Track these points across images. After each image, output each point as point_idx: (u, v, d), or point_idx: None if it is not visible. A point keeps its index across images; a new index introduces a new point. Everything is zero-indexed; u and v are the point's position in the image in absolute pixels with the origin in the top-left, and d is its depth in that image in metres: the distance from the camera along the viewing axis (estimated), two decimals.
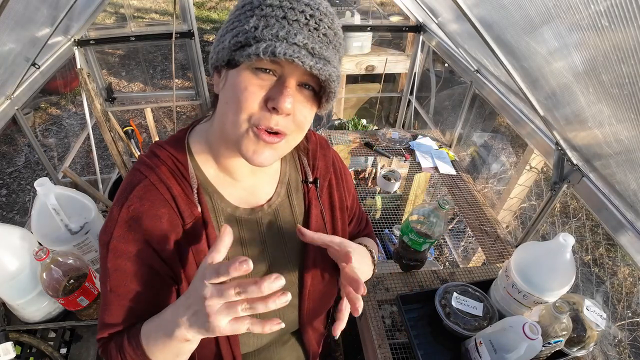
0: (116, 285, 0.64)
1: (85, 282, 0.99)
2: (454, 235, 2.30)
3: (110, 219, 0.64)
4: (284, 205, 0.76)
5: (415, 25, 2.47)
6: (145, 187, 0.63)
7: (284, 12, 0.53)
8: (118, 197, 0.65)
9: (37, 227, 1.02)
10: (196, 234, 0.65)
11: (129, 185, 0.64)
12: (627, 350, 2.15)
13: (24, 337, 1.04)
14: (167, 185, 0.64)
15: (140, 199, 0.63)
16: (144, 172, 0.65)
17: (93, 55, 2.36)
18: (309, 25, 0.54)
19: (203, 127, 0.71)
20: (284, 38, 0.52)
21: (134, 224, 0.62)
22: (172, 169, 0.66)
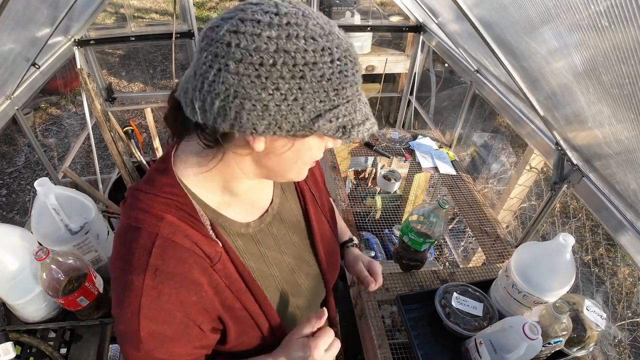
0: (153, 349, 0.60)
1: (85, 282, 0.99)
2: (454, 235, 2.30)
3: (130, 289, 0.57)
4: (283, 202, 0.79)
5: (415, 25, 2.47)
6: (162, 246, 0.58)
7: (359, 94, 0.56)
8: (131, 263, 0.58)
9: (37, 227, 1.02)
10: (225, 268, 0.64)
11: (140, 250, 0.58)
12: (627, 350, 2.15)
13: (24, 337, 1.04)
14: (184, 234, 0.60)
15: (163, 260, 0.58)
16: (151, 229, 0.58)
17: (93, 55, 2.36)
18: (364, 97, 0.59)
19: (193, 161, 0.64)
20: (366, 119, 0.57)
21: (164, 287, 0.58)
22: (180, 215, 0.61)
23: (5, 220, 3.01)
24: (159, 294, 0.58)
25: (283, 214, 0.78)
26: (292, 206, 0.81)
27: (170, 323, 0.60)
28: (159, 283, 0.58)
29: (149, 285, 0.57)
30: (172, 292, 0.58)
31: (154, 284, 0.57)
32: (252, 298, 0.67)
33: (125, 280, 0.58)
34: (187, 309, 0.60)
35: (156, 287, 0.57)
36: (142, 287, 0.57)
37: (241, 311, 0.66)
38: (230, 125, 0.52)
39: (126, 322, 0.59)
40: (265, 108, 0.50)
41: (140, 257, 0.57)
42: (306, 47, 0.48)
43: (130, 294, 0.57)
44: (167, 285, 0.58)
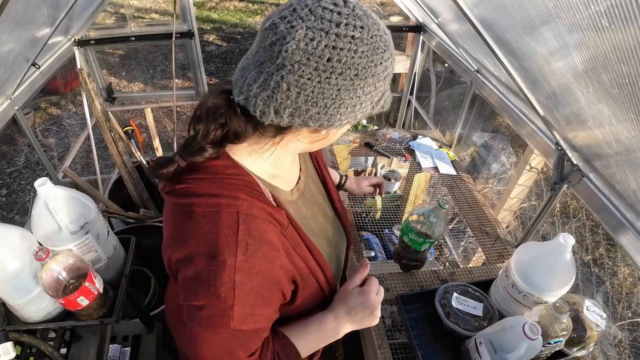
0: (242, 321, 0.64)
1: (85, 282, 0.99)
2: (454, 235, 2.30)
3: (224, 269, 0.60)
4: (306, 167, 0.89)
5: (415, 25, 2.47)
6: (246, 221, 0.63)
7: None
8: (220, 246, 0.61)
9: (37, 227, 1.02)
10: (292, 233, 0.71)
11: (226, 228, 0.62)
12: (627, 350, 2.15)
13: (24, 337, 1.04)
14: (258, 206, 0.65)
15: (250, 234, 0.62)
16: (231, 208, 0.63)
17: (93, 55, 2.36)
18: None
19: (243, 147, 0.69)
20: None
21: (254, 259, 0.63)
22: (248, 191, 0.66)
23: (5, 220, 3.01)
24: (251, 266, 0.62)
25: (308, 177, 0.88)
26: (311, 170, 0.91)
27: (260, 294, 0.65)
28: (250, 256, 0.62)
29: (241, 260, 0.61)
30: (262, 262, 0.63)
31: (245, 258, 0.61)
32: (311, 257, 0.75)
33: (217, 263, 0.60)
34: (273, 275, 0.66)
35: (247, 260, 0.62)
36: (234, 265, 0.60)
37: (305, 270, 0.74)
38: (320, 125, 0.61)
39: (220, 302, 0.61)
40: (352, 109, 0.60)
41: (228, 236, 0.61)
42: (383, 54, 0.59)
43: (224, 274, 0.60)
44: (256, 257, 0.63)
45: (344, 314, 0.80)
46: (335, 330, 0.80)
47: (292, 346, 0.75)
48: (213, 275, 0.61)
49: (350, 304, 0.81)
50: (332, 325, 0.80)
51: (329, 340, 0.81)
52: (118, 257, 1.21)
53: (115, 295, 1.13)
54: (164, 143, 3.49)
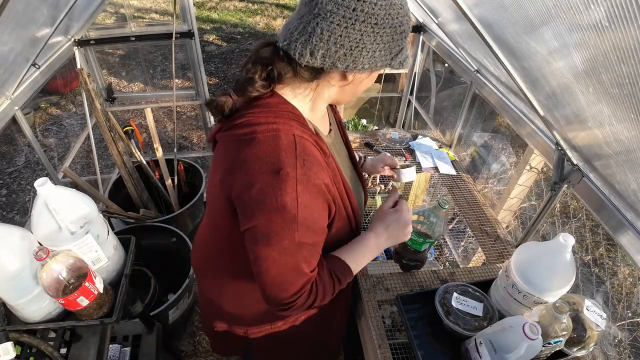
0: (305, 234, 0.75)
1: (85, 282, 0.99)
2: (454, 235, 2.30)
3: (287, 180, 0.71)
4: (334, 126, 1.01)
5: (415, 25, 2.47)
6: (300, 141, 0.75)
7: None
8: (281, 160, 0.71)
9: (37, 227, 1.02)
10: (331, 163, 0.84)
11: (286, 146, 0.73)
12: (627, 350, 2.14)
13: (24, 337, 1.04)
14: (307, 133, 0.79)
15: (305, 151, 0.75)
16: (288, 132, 0.75)
17: (93, 55, 2.36)
18: None
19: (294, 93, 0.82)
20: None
21: (311, 173, 0.74)
22: (299, 121, 0.79)
23: (5, 220, 3.01)
24: (308, 179, 0.73)
25: (336, 135, 1.01)
26: (338, 131, 1.04)
27: (317, 206, 0.77)
28: (308, 170, 0.73)
29: (301, 172, 0.72)
30: (317, 175, 0.75)
31: (304, 171, 0.73)
32: (344, 189, 0.87)
33: (281, 174, 0.71)
34: (324, 191, 0.77)
35: (306, 173, 0.73)
36: (296, 176, 0.71)
37: (339, 199, 0.84)
38: (346, 67, 0.73)
39: (285, 214, 0.71)
40: (373, 54, 0.73)
41: (289, 153, 0.73)
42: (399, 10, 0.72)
43: (288, 184, 0.71)
44: (312, 171, 0.74)
45: (382, 231, 0.94)
46: (377, 245, 0.94)
47: (344, 262, 0.88)
48: (278, 187, 0.71)
49: (386, 221, 0.95)
50: (373, 241, 0.93)
51: (372, 255, 0.94)
52: (118, 257, 1.21)
53: (115, 295, 1.13)
54: (164, 143, 3.49)
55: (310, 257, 0.80)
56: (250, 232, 0.76)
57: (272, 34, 6.01)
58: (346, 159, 1.03)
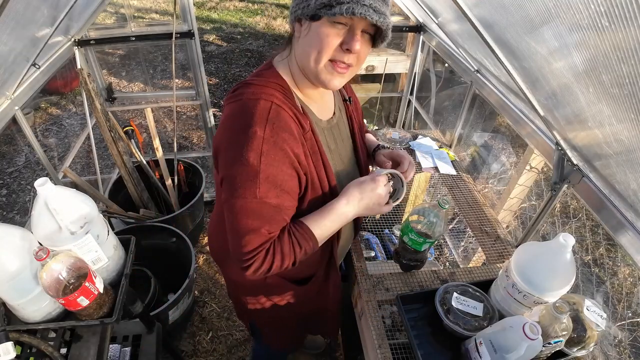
0: (266, 192, 0.80)
1: (85, 282, 0.99)
2: (454, 235, 2.30)
3: (254, 138, 0.78)
4: (339, 119, 1.06)
5: (416, 25, 2.47)
6: (276, 109, 0.82)
7: None
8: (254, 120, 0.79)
9: (37, 227, 1.02)
10: (311, 140, 0.90)
11: (261, 110, 0.80)
12: (627, 350, 2.14)
13: (24, 337, 1.04)
14: (288, 105, 0.84)
15: (277, 118, 0.81)
16: (267, 99, 0.82)
17: (93, 55, 2.36)
18: None
19: (284, 62, 0.92)
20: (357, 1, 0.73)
21: (279, 138, 0.79)
22: (283, 94, 0.86)
23: (6, 220, 3.01)
24: (275, 142, 0.79)
25: (340, 125, 1.06)
26: (345, 123, 1.09)
27: (281, 169, 0.81)
28: (275, 134, 0.79)
29: (269, 134, 0.79)
30: (285, 141, 0.80)
31: (272, 134, 0.79)
32: (324, 171, 0.92)
33: (249, 132, 0.78)
34: (292, 157, 0.82)
35: (273, 136, 0.79)
36: (263, 136, 0.78)
37: (315, 176, 0.90)
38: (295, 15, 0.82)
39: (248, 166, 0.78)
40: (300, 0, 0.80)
41: (262, 114, 0.80)
42: None
43: (254, 142, 0.78)
44: (280, 137, 0.80)
45: (355, 199, 0.93)
46: (346, 213, 0.93)
47: (308, 229, 0.90)
48: (244, 143, 0.77)
49: (362, 188, 0.94)
50: (344, 208, 0.93)
51: (340, 222, 0.95)
52: (118, 257, 1.21)
53: (115, 295, 1.13)
54: (164, 143, 3.49)
55: (271, 218, 0.84)
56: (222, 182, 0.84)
57: (272, 34, 6.01)
58: (345, 147, 1.07)
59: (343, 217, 0.94)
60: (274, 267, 0.87)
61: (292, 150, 0.82)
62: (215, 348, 2.14)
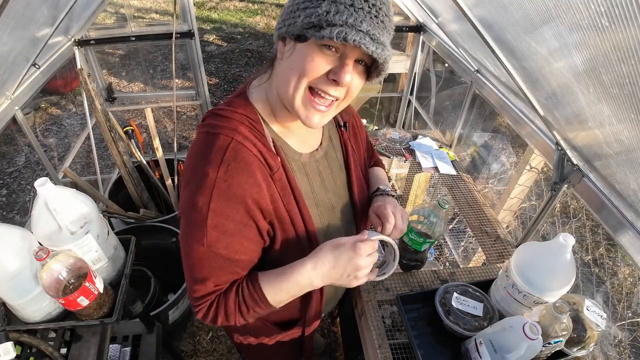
0: (215, 242, 0.71)
1: (85, 282, 0.99)
2: (454, 235, 2.30)
3: (205, 181, 0.69)
4: (329, 148, 0.92)
5: (416, 26, 2.47)
6: (236, 147, 0.71)
7: (351, 0, 0.62)
8: (208, 159, 0.70)
9: (37, 227, 1.02)
10: (281, 180, 0.77)
11: (217, 148, 0.71)
12: (627, 350, 2.14)
13: (24, 337, 1.04)
14: (252, 142, 0.73)
15: (235, 159, 0.70)
16: (228, 135, 0.72)
17: (93, 55, 2.36)
18: (371, 13, 0.62)
19: (261, 88, 0.80)
20: (352, 25, 0.61)
21: (233, 181, 0.70)
22: (250, 128, 0.74)
23: (6, 220, 3.01)
24: (229, 185, 0.69)
25: (329, 158, 0.92)
26: (337, 156, 0.94)
27: (234, 217, 0.71)
28: (230, 176, 0.70)
29: (221, 178, 0.69)
30: (239, 185, 0.70)
31: (225, 177, 0.69)
32: (299, 214, 0.80)
33: (202, 172, 0.70)
34: (249, 204, 0.72)
35: (227, 180, 0.69)
36: (215, 179, 0.69)
37: (289, 225, 0.78)
38: (279, 32, 0.70)
39: (196, 212, 0.70)
40: (287, 16, 0.67)
41: (217, 153, 0.70)
42: None
43: (205, 185, 0.69)
44: (235, 179, 0.70)
45: (325, 264, 0.76)
46: (311, 280, 0.77)
47: (260, 291, 0.77)
48: (195, 186, 0.70)
49: (336, 253, 0.76)
50: (309, 273, 0.77)
51: (302, 290, 0.79)
52: (118, 257, 1.21)
53: (115, 295, 1.13)
54: (164, 143, 3.49)
55: (220, 269, 0.75)
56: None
57: (272, 34, 6.01)
58: (337, 180, 0.92)
59: (306, 283, 0.78)
60: (219, 322, 0.79)
61: (250, 196, 0.71)
62: (215, 348, 2.14)
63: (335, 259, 0.76)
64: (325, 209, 0.88)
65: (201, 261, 0.73)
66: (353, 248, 0.75)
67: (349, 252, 0.75)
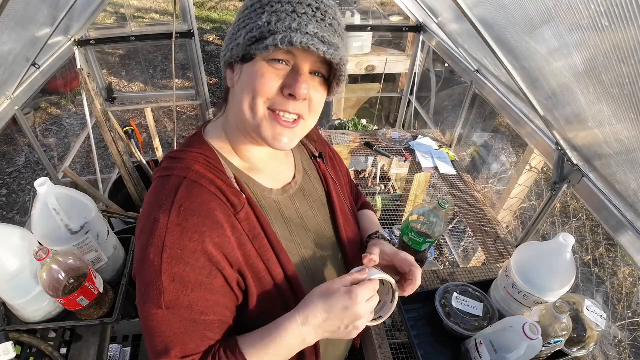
0: (175, 300, 0.59)
1: (85, 282, 0.99)
2: (454, 235, 2.30)
3: (155, 228, 0.59)
4: (306, 181, 0.83)
5: (416, 25, 2.47)
6: (189, 186, 0.62)
7: (292, 7, 0.58)
8: (158, 204, 0.60)
9: (37, 227, 1.02)
10: (249, 220, 0.66)
11: (168, 190, 0.62)
12: (627, 350, 2.14)
13: (24, 337, 1.04)
14: (209, 179, 0.64)
15: (189, 198, 0.61)
16: (179, 174, 0.64)
17: (93, 55, 2.36)
18: (317, 17, 0.59)
19: (217, 124, 0.74)
20: (297, 29, 0.57)
21: (188, 224, 0.59)
22: (206, 165, 0.66)
23: (6, 220, 3.01)
24: (183, 230, 0.59)
25: (306, 193, 0.81)
26: (316, 187, 0.85)
27: (194, 265, 0.60)
28: (183, 220, 0.59)
29: (174, 222, 0.59)
30: (196, 229, 0.60)
31: (178, 220, 0.59)
32: (276, 259, 0.68)
33: (152, 219, 0.60)
34: (210, 250, 0.60)
35: (180, 224, 0.59)
36: (167, 225, 0.59)
37: (264, 272, 0.66)
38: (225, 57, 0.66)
39: (148, 266, 0.59)
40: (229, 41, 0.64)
41: (168, 196, 0.61)
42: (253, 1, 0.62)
43: (156, 233, 0.59)
44: (191, 222, 0.60)
45: (317, 316, 0.63)
46: (303, 337, 0.64)
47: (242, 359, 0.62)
48: (146, 235, 0.60)
49: (329, 303, 0.63)
50: (299, 330, 0.63)
51: (292, 351, 0.65)
52: (118, 257, 1.21)
53: (115, 295, 1.13)
54: (164, 143, 3.49)
55: (185, 335, 0.60)
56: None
57: None
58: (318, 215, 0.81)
59: (297, 342, 0.64)
60: None
61: (210, 240, 0.60)
62: None
63: (329, 310, 0.62)
64: (307, 250, 0.76)
65: (161, 327, 0.60)
66: (349, 295, 0.62)
67: (344, 299, 0.62)
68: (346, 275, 0.67)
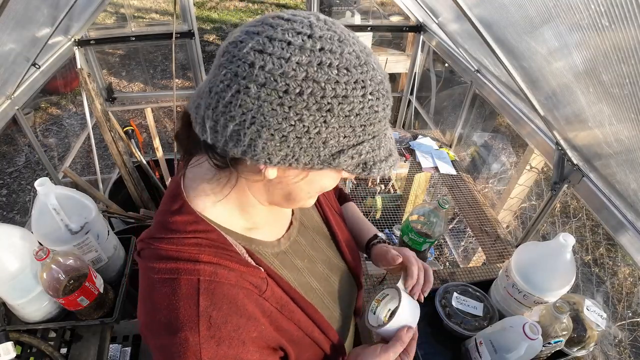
0: None
1: (85, 282, 0.99)
2: (454, 235, 2.30)
3: (187, 349, 0.51)
4: (303, 211, 0.78)
5: (416, 25, 2.47)
6: (208, 289, 0.53)
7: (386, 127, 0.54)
8: (180, 321, 0.51)
9: (37, 227, 1.02)
10: (274, 294, 0.61)
11: (185, 301, 0.52)
12: (627, 350, 2.14)
13: (24, 337, 1.04)
14: (226, 270, 0.55)
15: (215, 305, 0.53)
16: (189, 277, 0.53)
17: (93, 55, 2.36)
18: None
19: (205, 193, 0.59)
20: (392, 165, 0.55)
21: (222, 334, 0.53)
22: (214, 250, 0.56)
23: (6, 220, 3.01)
24: (219, 342, 0.52)
25: (305, 221, 0.77)
26: (311, 212, 0.80)
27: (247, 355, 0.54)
28: (217, 331, 0.52)
29: (206, 336, 0.51)
30: (232, 335, 0.53)
31: (210, 333, 0.52)
32: (305, 316, 0.64)
33: (179, 340, 0.51)
34: (250, 348, 0.55)
35: (214, 336, 0.52)
36: (199, 342, 0.51)
37: (297, 331, 0.63)
38: (243, 152, 0.47)
39: None
40: (284, 139, 0.46)
41: (188, 309, 0.52)
42: (338, 79, 0.44)
43: (188, 353, 0.51)
44: (225, 331, 0.53)
45: None
46: None
47: None
48: (177, 354, 0.51)
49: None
50: None
51: None
52: (118, 257, 1.21)
53: (115, 295, 1.13)
54: (164, 143, 3.49)
55: None
56: None
57: None
58: (326, 250, 0.79)
59: None
60: None
61: (250, 340, 0.55)
62: None
63: None
64: (322, 286, 0.74)
65: None
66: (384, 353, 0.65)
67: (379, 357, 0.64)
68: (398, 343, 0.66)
